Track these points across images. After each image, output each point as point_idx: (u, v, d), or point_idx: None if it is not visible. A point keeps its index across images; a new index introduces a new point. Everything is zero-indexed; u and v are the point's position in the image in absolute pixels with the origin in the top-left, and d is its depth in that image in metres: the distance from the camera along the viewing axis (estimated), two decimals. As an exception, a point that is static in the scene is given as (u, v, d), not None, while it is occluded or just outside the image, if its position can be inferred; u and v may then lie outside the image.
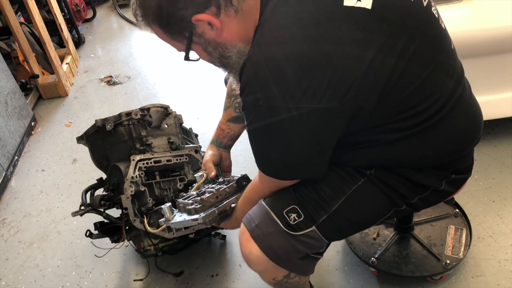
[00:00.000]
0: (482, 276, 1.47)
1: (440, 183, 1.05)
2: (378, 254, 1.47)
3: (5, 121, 2.31)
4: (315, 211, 1.02)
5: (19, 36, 2.63)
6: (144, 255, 1.52)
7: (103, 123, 1.53)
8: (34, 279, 1.72)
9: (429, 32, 0.92)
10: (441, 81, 0.94)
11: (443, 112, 0.94)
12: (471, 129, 1.04)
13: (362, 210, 1.05)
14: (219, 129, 1.46)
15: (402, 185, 1.03)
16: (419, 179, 1.03)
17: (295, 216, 1.01)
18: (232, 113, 1.43)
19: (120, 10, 4.12)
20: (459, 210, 1.58)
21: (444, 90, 0.94)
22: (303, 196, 1.03)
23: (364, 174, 1.03)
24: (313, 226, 1.02)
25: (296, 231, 1.01)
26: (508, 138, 1.98)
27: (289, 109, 0.83)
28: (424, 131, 0.95)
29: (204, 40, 0.93)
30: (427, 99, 0.91)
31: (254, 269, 1.09)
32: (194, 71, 3.02)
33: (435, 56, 0.92)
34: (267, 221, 1.02)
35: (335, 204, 1.02)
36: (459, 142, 1.03)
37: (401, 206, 1.06)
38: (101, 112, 2.72)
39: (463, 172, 1.08)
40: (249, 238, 1.03)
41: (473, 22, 1.70)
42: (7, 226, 1.99)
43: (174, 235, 1.43)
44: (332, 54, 0.80)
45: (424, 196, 1.06)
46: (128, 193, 1.39)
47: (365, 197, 1.03)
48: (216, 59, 0.97)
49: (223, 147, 1.47)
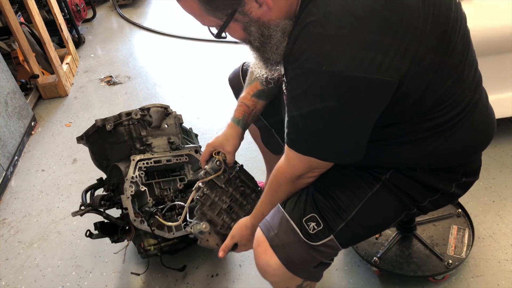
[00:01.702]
0: (482, 276, 1.47)
1: (451, 186, 1.06)
2: (381, 253, 1.47)
3: (5, 121, 2.31)
4: (332, 220, 1.01)
5: (19, 36, 2.63)
6: (144, 255, 1.52)
7: (103, 123, 1.53)
8: (34, 279, 1.72)
9: (461, 32, 0.93)
10: (464, 87, 0.94)
11: (462, 114, 0.95)
12: (485, 133, 1.05)
13: (377, 216, 1.05)
14: (244, 106, 1.30)
15: (414, 188, 1.03)
16: (431, 182, 1.03)
17: (314, 225, 1.00)
18: (259, 86, 1.29)
19: (120, 10, 4.12)
20: (462, 210, 1.58)
21: (467, 94, 0.95)
22: (321, 204, 1.01)
23: (379, 180, 1.02)
24: (331, 235, 1.01)
25: (315, 241, 1.00)
26: (508, 138, 1.98)
27: (353, 77, 0.79)
28: (443, 133, 0.95)
29: (248, 19, 0.86)
30: (452, 102, 0.92)
31: (269, 279, 1.08)
32: (194, 71, 3.02)
33: (463, 56, 0.94)
34: (286, 230, 1.00)
35: (351, 211, 1.01)
36: (473, 145, 1.03)
37: (412, 209, 1.06)
38: (101, 112, 2.72)
39: (472, 175, 1.09)
40: (267, 249, 1.01)
41: (473, 22, 1.70)
42: (7, 226, 1.99)
43: (174, 235, 1.43)
44: (398, 24, 0.79)
45: (434, 199, 1.06)
46: (128, 193, 1.39)
47: (380, 203, 1.03)
48: (255, 38, 0.90)
49: (242, 127, 1.31)
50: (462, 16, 0.95)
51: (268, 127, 1.45)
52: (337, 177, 1.04)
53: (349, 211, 1.01)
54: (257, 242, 1.04)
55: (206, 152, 1.31)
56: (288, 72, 0.87)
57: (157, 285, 1.62)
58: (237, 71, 1.47)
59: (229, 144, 1.28)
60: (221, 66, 2.99)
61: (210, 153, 1.31)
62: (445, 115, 0.93)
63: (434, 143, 0.96)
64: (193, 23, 1.03)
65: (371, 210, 1.02)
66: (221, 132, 1.32)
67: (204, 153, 1.32)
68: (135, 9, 4.17)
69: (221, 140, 1.29)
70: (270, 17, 0.86)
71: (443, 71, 0.87)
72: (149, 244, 1.48)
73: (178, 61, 3.20)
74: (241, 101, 1.31)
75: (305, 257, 1.01)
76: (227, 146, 1.28)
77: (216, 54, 3.17)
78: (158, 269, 1.58)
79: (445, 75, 0.88)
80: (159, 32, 3.65)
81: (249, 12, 0.85)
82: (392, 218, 1.08)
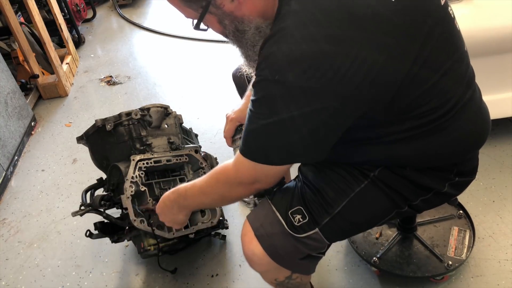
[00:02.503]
0: (482, 276, 1.47)
1: (443, 186, 1.05)
2: (380, 253, 1.47)
3: (5, 121, 2.31)
4: (318, 213, 1.02)
5: (19, 36, 2.63)
6: (145, 255, 1.52)
7: (103, 123, 1.53)
8: (34, 279, 1.72)
9: (445, 32, 0.92)
10: (452, 84, 0.93)
11: (451, 114, 0.94)
12: (478, 133, 1.03)
13: (364, 212, 1.05)
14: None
15: (404, 187, 1.03)
16: (422, 181, 1.02)
17: (299, 218, 1.01)
18: None
19: (120, 10, 4.12)
20: (463, 212, 1.57)
21: (455, 93, 0.94)
22: (308, 197, 1.02)
23: (368, 176, 1.02)
24: (316, 228, 1.02)
25: (299, 233, 1.01)
26: (508, 138, 1.98)
27: (304, 88, 0.79)
28: (431, 132, 0.94)
29: (221, 12, 0.89)
30: (437, 101, 0.91)
31: (256, 269, 1.09)
32: (194, 71, 3.02)
33: (448, 59, 0.92)
34: (271, 221, 1.02)
35: (338, 206, 1.02)
36: (465, 144, 1.02)
37: (403, 207, 1.06)
38: (101, 112, 2.71)
39: (467, 175, 1.08)
40: (252, 238, 1.03)
41: (473, 22, 1.70)
42: (7, 226, 1.99)
43: (174, 235, 1.43)
44: (353, 46, 0.79)
45: (426, 197, 1.05)
46: (128, 193, 1.39)
47: (367, 199, 1.03)
48: (230, 32, 0.93)
49: None
50: (445, 10, 0.94)
51: None
52: (326, 172, 1.05)
53: (335, 206, 1.02)
54: (244, 231, 1.06)
55: (231, 127, 1.29)
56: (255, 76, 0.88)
57: (157, 285, 1.62)
58: (241, 67, 1.46)
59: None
60: (221, 66, 2.98)
61: (236, 128, 1.30)
62: (432, 113, 0.92)
63: (422, 142, 0.95)
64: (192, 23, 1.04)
65: (358, 206, 1.02)
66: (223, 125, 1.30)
67: (230, 129, 1.29)
68: (135, 9, 4.17)
69: (245, 112, 1.27)
70: (243, 13, 0.89)
71: (422, 64, 0.86)
72: (149, 244, 1.48)
73: (178, 61, 3.20)
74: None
75: (289, 248, 1.02)
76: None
77: (216, 54, 3.17)
78: (159, 269, 1.58)
79: (426, 69, 0.87)
80: (159, 32, 3.65)
81: (221, 6, 0.88)
82: (381, 216, 1.08)
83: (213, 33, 0.98)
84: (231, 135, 1.31)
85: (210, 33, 1.00)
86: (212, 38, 3.29)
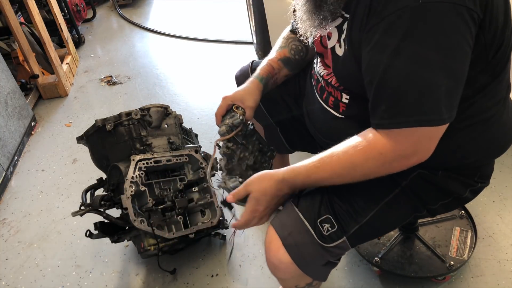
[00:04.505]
0: (482, 276, 1.47)
1: (465, 191, 1.05)
2: (382, 253, 1.47)
3: (5, 121, 2.31)
4: (347, 222, 1.00)
5: (19, 36, 2.63)
6: (145, 255, 1.52)
7: (103, 123, 1.53)
8: (34, 279, 1.72)
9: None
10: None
11: (501, 103, 0.96)
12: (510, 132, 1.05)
13: (390, 220, 1.05)
14: (270, 67, 1.23)
15: (430, 192, 1.03)
16: (449, 186, 1.02)
17: (328, 227, 0.99)
18: (286, 53, 1.25)
19: (120, 10, 4.12)
20: (465, 212, 1.58)
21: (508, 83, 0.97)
22: (337, 206, 1.01)
23: (399, 185, 1.01)
24: (344, 237, 1.01)
25: (328, 242, 1.00)
26: (508, 138, 1.98)
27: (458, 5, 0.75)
28: (491, 118, 0.96)
29: None
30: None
31: (279, 276, 1.07)
32: (194, 71, 3.02)
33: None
34: (300, 230, 1.00)
35: (367, 215, 1.01)
36: (503, 140, 1.03)
37: (422, 211, 1.06)
38: (101, 112, 2.72)
39: (485, 180, 1.09)
40: (280, 246, 1.00)
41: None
42: (7, 226, 1.99)
43: (174, 235, 1.43)
44: None
45: (446, 202, 1.05)
46: (128, 193, 1.39)
47: (394, 207, 1.02)
48: None
49: (264, 85, 1.21)
50: None
51: (273, 125, 1.44)
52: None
53: (364, 215, 1.00)
54: (269, 239, 1.03)
55: (223, 106, 1.18)
56: (373, 30, 0.81)
57: (157, 285, 1.62)
58: (245, 69, 1.42)
59: (251, 98, 1.17)
60: (221, 66, 2.99)
61: (227, 107, 1.18)
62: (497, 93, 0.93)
63: (482, 127, 0.96)
64: (193, 23, 1.03)
65: (385, 214, 1.02)
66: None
67: (221, 106, 1.18)
68: (135, 9, 4.17)
69: (242, 94, 1.18)
70: None
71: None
72: (149, 244, 1.48)
73: (178, 61, 3.20)
74: (268, 62, 1.24)
75: (316, 256, 1.01)
76: (248, 101, 1.17)
77: (216, 54, 3.17)
78: (159, 269, 1.58)
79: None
80: (159, 32, 3.65)
81: None
82: (401, 221, 1.08)
83: (213, 33, 0.97)
84: (222, 114, 1.19)
85: (210, 33, 0.98)
86: (212, 38, 3.30)
